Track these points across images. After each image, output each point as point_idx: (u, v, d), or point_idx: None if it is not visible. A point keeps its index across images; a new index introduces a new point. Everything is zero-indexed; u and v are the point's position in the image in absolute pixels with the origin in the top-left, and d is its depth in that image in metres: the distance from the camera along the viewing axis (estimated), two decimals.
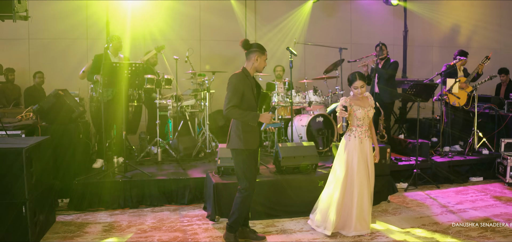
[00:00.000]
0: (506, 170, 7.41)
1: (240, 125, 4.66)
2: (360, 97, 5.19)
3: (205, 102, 8.07)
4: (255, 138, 4.72)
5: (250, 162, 4.73)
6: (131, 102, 7.58)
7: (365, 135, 5.16)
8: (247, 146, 4.67)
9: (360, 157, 5.10)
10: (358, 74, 5.18)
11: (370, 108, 5.21)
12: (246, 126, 4.65)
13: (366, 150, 5.15)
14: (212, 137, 8.19)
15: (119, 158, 7.01)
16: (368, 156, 5.17)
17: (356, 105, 5.15)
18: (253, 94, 4.72)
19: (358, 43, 10.89)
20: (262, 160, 6.94)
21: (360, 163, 5.09)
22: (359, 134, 5.14)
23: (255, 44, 4.83)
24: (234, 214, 4.78)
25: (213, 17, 10.26)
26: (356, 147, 5.12)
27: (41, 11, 9.18)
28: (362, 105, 5.16)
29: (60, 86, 7.12)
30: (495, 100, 9.31)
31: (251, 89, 4.69)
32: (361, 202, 5.08)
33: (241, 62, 9.96)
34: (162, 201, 6.29)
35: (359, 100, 5.19)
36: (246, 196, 4.71)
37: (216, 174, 5.97)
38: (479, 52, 10.50)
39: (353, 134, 5.16)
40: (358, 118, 5.14)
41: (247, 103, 4.67)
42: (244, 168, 4.70)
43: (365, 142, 5.15)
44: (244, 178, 4.70)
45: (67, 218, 5.75)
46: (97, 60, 6.98)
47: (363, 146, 5.13)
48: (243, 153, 4.68)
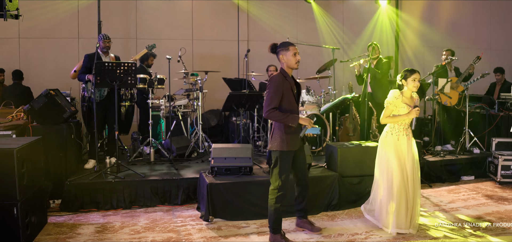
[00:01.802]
0: (497, 169, 7.47)
1: (283, 127, 4.73)
2: (408, 93, 5.15)
3: (198, 102, 8.04)
4: (296, 139, 4.79)
5: (287, 163, 4.79)
6: (123, 102, 7.54)
7: (404, 133, 5.11)
8: (289, 147, 4.74)
9: (395, 155, 5.06)
10: (413, 69, 5.17)
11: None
12: (288, 128, 4.72)
13: (403, 148, 5.09)
14: (205, 137, 8.17)
15: (112, 159, 6.96)
16: (407, 154, 5.09)
17: (404, 101, 5.12)
18: (293, 94, 4.77)
19: (350, 43, 10.92)
20: (255, 159, 6.93)
21: (394, 160, 5.06)
22: (397, 132, 5.12)
23: (279, 44, 4.87)
24: (271, 216, 4.83)
25: (205, 16, 10.24)
26: (391, 144, 5.10)
27: (33, 9, 9.13)
28: (409, 103, 5.12)
29: (52, 85, 7.06)
30: (486, 100, 9.36)
31: (290, 89, 4.73)
32: (399, 199, 5.03)
33: (234, 62, 10.18)
34: (155, 202, 6.25)
35: (407, 97, 5.16)
36: (278, 196, 4.76)
37: (209, 174, 5.94)
38: (470, 51, 10.57)
39: (391, 130, 5.16)
40: (401, 114, 5.11)
41: (287, 104, 4.72)
42: (281, 168, 4.76)
43: (403, 140, 5.10)
44: (278, 178, 4.76)
45: (59, 220, 5.69)
46: (88, 60, 6.94)
47: (400, 144, 5.09)
48: (284, 154, 4.75)
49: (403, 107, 5.10)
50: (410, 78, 5.12)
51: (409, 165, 5.09)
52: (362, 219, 5.66)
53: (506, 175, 7.43)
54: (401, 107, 5.11)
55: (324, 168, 6.56)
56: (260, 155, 7.94)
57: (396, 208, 5.04)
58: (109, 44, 6.99)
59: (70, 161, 6.53)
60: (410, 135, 5.16)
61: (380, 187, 5.24)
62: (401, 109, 5.11)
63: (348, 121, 8.15)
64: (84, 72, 6.92)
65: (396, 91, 5.18)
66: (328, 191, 6.06)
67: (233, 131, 8.81)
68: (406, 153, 5.09)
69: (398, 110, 5.13)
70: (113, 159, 6.90)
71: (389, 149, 5.12)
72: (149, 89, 7.50)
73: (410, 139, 5.15)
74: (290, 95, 4.73)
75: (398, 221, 5.06)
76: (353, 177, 6.24)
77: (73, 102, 8.17)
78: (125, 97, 7.56)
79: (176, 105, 8.12)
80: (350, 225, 5.48)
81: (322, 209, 5.99)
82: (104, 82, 6.37)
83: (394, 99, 5.14)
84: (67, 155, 6.42)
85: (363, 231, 5.25)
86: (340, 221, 5.66)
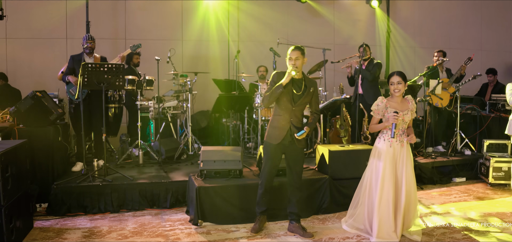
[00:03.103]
0: (489, 171, 7.44)
1: (271, 121, 5.08)
2: (397, 98, 4.98)
3: (187, 103, 7.95)
4: (279, 134, 4.96)
5: (268, 154, 5.04)
6: (111, 104, 7.43)
7: (397, 139, 4.92)
8: (270, 139, 5.00)
9: (388, 162, 4.89)
10: (398, 71, 5.03)
11: (408, 112, 4.96)
12: (272, 122, 5.03)
13: (396, 155, 4.93)
14: (195, 139, 8.08)
15: (100, 161, 6.86)
16: (400, 162, 4.93)
17: (391, 106, 4.94)
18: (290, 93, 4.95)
19: (342, 44, 10.87)
20: (245, 162, 6.86)
21: (386, 168, 4.88)
22: (389, 138, 4.91)
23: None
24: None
25: (195, 17, 10.14)
26: (383, 151, 4.93)
27: (20, 10, 9.00)
28: (398, 108, 4.93)
29: (40, 87, 6.97)
30: (477, 101, 9.37)
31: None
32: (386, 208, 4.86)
33: (224, 62, 10.09)
34: (144, 205, 6.15)
35: (396, 102, 4.98)
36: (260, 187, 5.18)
37: (198, 177, 5.86)
38: (461, 52, 10.59)
39: (383, 136, 4.99)
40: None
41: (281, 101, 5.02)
42: (264, 158, 5.11)
43: (395, 146, 4.92)
44: (262, 172, 5.14)
45: (45, 224, 5.58)
46: (72, 61, 6.85)
47: (392, 151, 4.91)
48: (266, 145, 5.06)
49: (392, 112, 4.91)
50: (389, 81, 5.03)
51: (402, 172, 4.93)
52: None
53: (498, 177, 7.40)
54: (390, 113, 4.91)
55: (315, 170, 6.49)
56: (251, 157, 7.86)
57: (379, 217, 4.88)
58: (92, 45, 6.88)
59: (57, 164, 6.43)
60: (404, 141, 4.98)
61: (365, 193, 5.10)
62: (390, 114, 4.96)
63: (339, 123, 8.09)
64: (68, 73, 6.82)
65: (380, 97, 5.06)
66: (318, 194, 6.00)
67: (223, 133, 8.73)
68: (399, 160, 4.94)
69: (386, 117, 4.96)
70: (101, 161, 6.80)
71: (380, 155, 4.97)
72: (138, 91, 7.40)
73: (404, 146, 4.97)
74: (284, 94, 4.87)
75: (381, 230, 4.87)
76: (344, 180, 6.16)
77: (61, 104, 8.05)
78: (113, 99, 7.45)
79: (165, 107, 8.02)
80: (341, 229, 5.40)
81: (313, 212, 5.92)
82: (91, 84, 6.27)
83: (375, 106, 5.02)
84: (54, 158, 6.32)
85: (354, 235, 5.18)
86: (331, 224, 5.60)
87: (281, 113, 4.95)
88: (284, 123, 4.94)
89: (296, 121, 4.97)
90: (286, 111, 4.93)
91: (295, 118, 4.96)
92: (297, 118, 4.98)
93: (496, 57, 11.89)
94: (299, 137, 4.86)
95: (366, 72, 7.57)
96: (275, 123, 4.98)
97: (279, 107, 4.97)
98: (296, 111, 4.97)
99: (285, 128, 4.93)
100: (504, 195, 6.95)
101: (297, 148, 5.01)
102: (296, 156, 5.05)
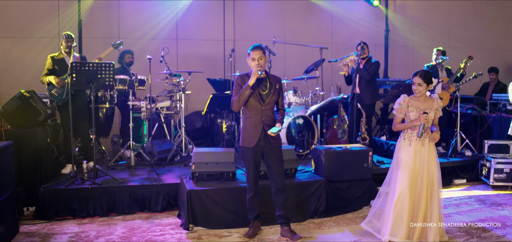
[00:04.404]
0: (490, 172, 7.26)
1: (242, 124, 5.00)
2: (418, 96, 4.88)
3: (180, 103, 7.77)
4: (252, 136, 4.87)
5: (247, 160, 4.94)
6: (102, 104, 7.25)
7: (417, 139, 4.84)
8: (244, 143, 4.92)
9: (406, 161, 4.80)
10: (421, 71, 4.91)
11: (431, 110, 4.84)
12: (244, 125, 4.95)
13: (417, 154, 4.81)
14: (188, 140, 7.89)
15: (90, 163, 6.66)
16: (421, 161, 4.81)
17: (412, 105, 4.87)
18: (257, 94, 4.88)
19: (339, 43, 10.70)
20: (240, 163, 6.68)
21: (404, 169, 4.79)
22: (409, 137, 4.86)
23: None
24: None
25: (190, 16, 9.98)
26: (403, 149, 4.86)
27: (11, 8, 8.84)
28: (421, 107, 4.84)
29: (32, 87, 6.80)
30: (478, 101, 9.18)
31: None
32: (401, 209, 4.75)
33: (220, 62, 9.92)
34: (134, 209, 5.96)
35: (418, 101, 4.89)
36: (247, 193, 5.03)
37: (190, 179, 5.68)
38: (461, 51, 10.41)
39: (404, 136, 4.92)
40: (411, 120, 4.86)
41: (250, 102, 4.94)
42: (246, 166, 4.99)
43: (416, 146, 4.82)
44: (247, 177, 5.02)
45: (32, 229, 5.39)
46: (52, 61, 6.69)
47: (412, 150, 4.81)
48: (243, 149, 4.96)
49: (412, 111, 4.85)
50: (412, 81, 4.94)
51: (424, 173, 4.79)
52: (352, 227, 5.42)
53: (499, 178, 7.22)
54: (411, 112, 4.86)
55: (311, 172, 6.31)
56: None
57: (395, 215, 4.76)
58: (71, 44, 6.70)
59: (45, 166, 6.23)
60: (425, 140, 4.84)
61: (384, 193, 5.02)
62: (411, 113, 4.86)
63: (337, 123, 7.91)
64: (47, 74, 6.65)
65: (402, 96, 4.96)
66: (314, 197, 5.80)
67: (218, 133, 8.55)
68: (420, 159, 4.81)
69: (408, 116, 4.89)
70: (91, 163, 6.60)
71: (401, 154, 4.89)
72: (130, 91, 7.21)
73: (425, 145, 4.84)
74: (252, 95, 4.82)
75: (395, 229, 4.76)
76: (341, 182, 5.99)
77: (52, 104, 7.87)
78: (104, 99, 7.27)
79: (158, 107, 7.83)
80: (337, 233, 5.23)
81: (308, 216, 5.73)
82: (80, 83, 6.08)
83: (398, 105, 4.94)
84: (42, 160, 6.13)
85: (352, 240, 5.00)
86: (328, 228, 5.41)
87: (252, 114, 4.88)
88: (256, 124, 4.86)
89: (268, 120, 4.88)
90: (257, 111, 4.86)
91: (266, 118, 4.88)
92: (268, 117, 4.89)
93: (496, 56, 11.72)
94: (274, 134, 4.80)
95: (364, 71, 7.38)
96: (247, 125, 4.91)
97: (249, 109, 4.89)
98: (267, 110, 4.89)
99: (258, 129, 4.85)
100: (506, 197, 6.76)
101: (274, 146, 4.91)
102: (274, 156, 4.92)
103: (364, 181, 6.15)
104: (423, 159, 4.81)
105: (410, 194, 4.75)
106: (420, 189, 4.79)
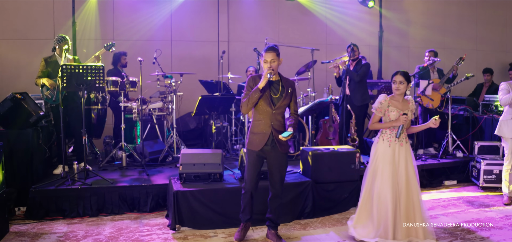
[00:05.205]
0: (480, 174, 7.28)
1: (250, 127, 4.86)
2: (398, 97, 4.91)
3: (172, 104, 7.83)
4: (260, 140, 4.73)
5: (250, 162, 4.83)
6: (94, 105, 7.31)
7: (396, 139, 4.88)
8: (250, 146, 4.79)
9: (384, 162, 4.82)
10: (402, 70, 4.94)
11: (409, 112, 4.90)
12: (252, 128, 4.80)
13: (395, 155, 4.84)
14: (181, 141, 7.95)
15: (80, 164, 6.73)
16: (399, 162, 4.83)
17: (392, 105, 4.89)
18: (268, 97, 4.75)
19: (333, 44, 10.73)
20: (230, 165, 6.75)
21: (385, 169, 4.81)
22: (388, 137, 4.88)
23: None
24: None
25: (184, 17, 10.03)
26: (381, 150, 4.87)
27: (6, 10, 8.90)
28: (400, 107, 4.88)
29: (27, 88, 6.86)
30: (470, 102, 9.19)
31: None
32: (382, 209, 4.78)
33: (214, 63, 9.96)
34: (124, 209, 6.02)
35: (398, 101, 4.92)
36: (242, 194, 4.95)
37: (178, 180, 5.73)
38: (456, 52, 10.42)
39: (382, 136, 4.93)
40: (391, 119, 4.88)
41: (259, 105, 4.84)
42: (246, 166, 4.89)
43: (395, 146, 4.85)
44: (245, 179, 4.90)
45: (22, 228, 5.46)
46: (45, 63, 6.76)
47: (391, 151, 4.83)
48: (248, 152, 4.84)
49: (393, 111, 4.87)
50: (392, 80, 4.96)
51: (402, 173, 4.82)
52: (337, 228, 5.47)
53: (489, 179, 7.24)
54: (391, 112, 4.88)
55: (299, 174, 6.36)
56: (237, 160, 7.71)
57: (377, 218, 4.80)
58: (63, 46, 6.75)
59: (37, 167, 6.30)
60: (403, 140, 4.89)
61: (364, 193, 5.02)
62: (391, 113, 4.89)
63: (328, 124, 7.95)
64: (41, 76, 6.72)
65: (382, 95, 4.97)
66: (301, 198, 5.84)
67: (212, 135, 8.59)
68: (398, 160, 4.84)
69: (387, 115, 4.91)
70: (82, 164, 6.67)
71: (378, 155, 4.90)
72: (121, 92, 7.28)
73: (403, 145, 4.87)
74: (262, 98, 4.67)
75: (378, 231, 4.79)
76: (327, 184, 6.03)
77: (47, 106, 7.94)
78: (97, 100, 7.34)
79: (151, 108, 7.90)
80: (322, 234, 5.27)
81: (295, 217, 5.77)
82: (71, 85, 6.15)
83: (378, 104, 4.94)
84: (33, 161, 6.18)
85: (336, 241, 5.05)
86: (313, 230, 5.45)
87: (261, 118, 4.71)
88: (265, 128, 4.70)
89: (277, 125, 4.72)
90: (266, 115, 4.69)
91: (276, 122, 4.71)
92: (278, 122, 4.74)
93: (491, 57, 11.73)
94: (285, 138, 4.60)
95: (353, 72, 7.42)
96: (255, 129, 4.74)
97: (258, 112, 4.72)
98: (277, 114, 4.71)
99: (267, 133, 4.69)
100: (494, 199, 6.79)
101: (280, 153, 4.76)
102: (278, 162, 4.79)
103: (351, 182, 6.18)
104: (402, 160, 4.84)
105: (392, 195, 4.77)
106: (401, 189, 4.82)
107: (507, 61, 11.69)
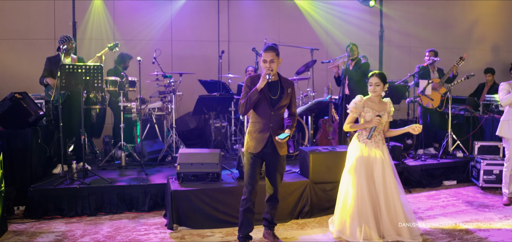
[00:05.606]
0: (480, 174, 7.26)
1: (249, 129, 4.72)
2: (375, 98, 4.92)
3: (171, 104, 7.84)
4: (259, 142, 4.61)
5: (249, 165, 4.66)
6: (94, 105, 7.33)
7: (373, 140, 4.88)
8: (249, 149, 4.65)
9: (360, 163, 4.83)
10: (378, 72, 4.96)
11: (385, 113, 4.91)
12: (251, 130, 4.67)
13: (371, 155, 4.85)
14: (180, 140, 7.95)
15: (80, 163, 6.74)
16: (376, 163, 4.84)
17: (368, 106, 4.89)
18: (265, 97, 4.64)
19: (334, 44, 10.72)
20: (229, 164, 6.74)
21: (361, 170, 4.82)
22: (364, 139, 4.89)
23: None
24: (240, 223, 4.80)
25: (184, 17, 10.03)
26: (357, 151, 4.89)
27: (6, 10, 8.92)
28: (377, 108, 4.89)
29: (28, 88, 6.88)
30: (471, 102, 9.16)
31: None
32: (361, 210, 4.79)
33: (214, 63, 9.95)
34: (122, 208, 6.04)
35: (374, 103, 4.92)
36: (242, 199, 4.71)
37: (175, 180, 5.74)
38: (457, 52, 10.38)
39: (358, 137, 4.95)
40: (366, 120, 4.88)
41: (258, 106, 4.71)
42: (245, 169, 4.71)
43: (371, 147, 4.87)
44: (245, 183, 4.70)
45: (20, 227, 5.49)
46: (49, 62, 6.78)
47: (367, 151, 4.85)
48: (247, 155, 4.70)
49: (368, 112, 4.88)
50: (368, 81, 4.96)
51: (379, 173, 4.82)
52: None
53: (489, 180, 7.21)
54: (366, 113, 4.88)
55: (297, 173, 6.35)
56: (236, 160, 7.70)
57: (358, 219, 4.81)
58: (69, 46, 6.77)
59: (36, 166, 6.33)
60: (379, 142, 4.91)
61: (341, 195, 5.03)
62: (367, 114, 4.89)
63: (328, 124, 7.95)
64: (45, 75, 6.74)
65: (359, 96, 4.98)
66: (299, 198, 5.84)
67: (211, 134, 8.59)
68: (374, 160, 4.85)
69: (363, 116, 4.92)
70: (81, 164, 6.68)
71: (354, 156, 4.91)
72: (120, 92, 7.29)
73: (379, 146, 4.89)
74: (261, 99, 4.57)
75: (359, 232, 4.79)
76: (325, 183, 6.01)
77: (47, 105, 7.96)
78: (96, 100, 7.35)
79: (150, 108, 7.90)
80: (319, 234, 5.26)
81: (293, 216, 5.77)
82: (69, 85, 6.16)
83: (353, 104, 4.93)
84: (32, 160, 6.21)
85: (332, 241, 5.04)
86: (310, 229, 5.45)
87: (260, 119, 4.60)
88: (264, 129, 4.58)
89: (276, 126, 4.61)
90: (265, 116, 4.58)
91: (275, 123, 4.60)
92: (277, 123, 4.63)
93: (492, 57, 11.68)
94: (282, 140, 4.52)
95: (352, 72, 7.41)
96: (254, 130, 4.63)
97: (257, 113, 4.61)
98: (275, 115, 4.60)
99: (265, 135, 4.57)
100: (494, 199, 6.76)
101: (279, 155, 4.65)
102: (277, 164, 4.69)
103: None
104: (378, 161, 4.85)
105: (368, 194, 4.80)
106: (379, 190, 4.83)
107: (509, 61, 11.65)
